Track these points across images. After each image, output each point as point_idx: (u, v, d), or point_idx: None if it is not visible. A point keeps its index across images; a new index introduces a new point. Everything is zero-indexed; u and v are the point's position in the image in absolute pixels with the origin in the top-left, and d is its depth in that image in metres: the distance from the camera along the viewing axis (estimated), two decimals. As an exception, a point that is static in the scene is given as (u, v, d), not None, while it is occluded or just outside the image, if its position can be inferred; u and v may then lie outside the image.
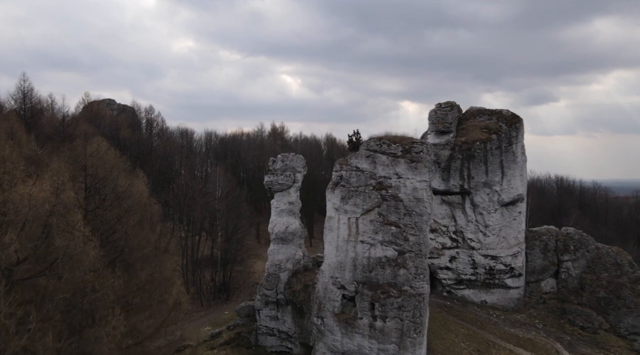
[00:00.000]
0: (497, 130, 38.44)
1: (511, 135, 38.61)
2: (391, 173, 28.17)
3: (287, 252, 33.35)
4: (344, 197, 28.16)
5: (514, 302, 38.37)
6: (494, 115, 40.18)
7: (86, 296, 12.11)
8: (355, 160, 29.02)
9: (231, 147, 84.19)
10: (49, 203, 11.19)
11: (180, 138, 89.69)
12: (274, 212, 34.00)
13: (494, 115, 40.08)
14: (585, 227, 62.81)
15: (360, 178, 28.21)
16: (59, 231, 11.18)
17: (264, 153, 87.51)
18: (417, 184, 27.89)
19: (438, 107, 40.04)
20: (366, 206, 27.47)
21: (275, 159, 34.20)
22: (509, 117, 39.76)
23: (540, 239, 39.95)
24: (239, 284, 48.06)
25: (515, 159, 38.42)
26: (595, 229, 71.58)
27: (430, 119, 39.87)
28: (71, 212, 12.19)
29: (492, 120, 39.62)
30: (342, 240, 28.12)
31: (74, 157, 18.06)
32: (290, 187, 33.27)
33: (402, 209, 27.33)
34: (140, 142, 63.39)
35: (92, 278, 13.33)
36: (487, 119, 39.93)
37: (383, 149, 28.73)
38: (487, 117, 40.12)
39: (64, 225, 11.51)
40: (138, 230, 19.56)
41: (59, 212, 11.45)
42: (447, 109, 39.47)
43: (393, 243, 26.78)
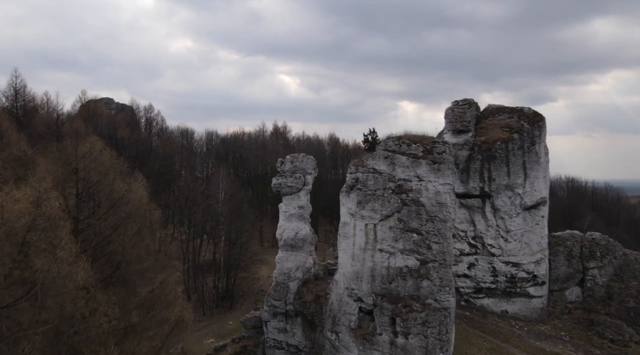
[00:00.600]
0: (519, 129, 36.39)
1: (534, 135, 36.57)
2: (411, 175, 26.14)
3: (297, 259, 31.34)
4: (360, 202, 26.13)
5: (537, 312, 36.30)
6: (515, 113, 38.12)
7: (74, 327, 10.06)
8: (372, 162, 27.00)
9: (233, 147, 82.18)
10: (28, 216, 9.21)
11: (181, 138, 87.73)
12: (282, 216, 31.99)
13: (515, 113, 38.03)
14: (600, 230, 60.63)
15: (378, 181, 26.18)
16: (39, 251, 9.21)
17: (267, 153, 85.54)
18: (440, 187, 25.88)
19: (455, 104, 37.98)
20: (385, 211, 25.44)
21: (284, 160, 32.19)
22: (530, 115, 37.72)
23: (564, 244, 37.89)
24: (243, 291, 46.05)
25: (539, 159, 36.37)
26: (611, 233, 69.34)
27: (447, 117, 37.81)
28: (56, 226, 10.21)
29: (513, 119, 37.57)
30: (358, 249, 26.09)
31: (64, 158, 15.98)
32: (300, 190, 31.27)
33: (424, 215, 25.30)
34: (139, 142, 61.40)
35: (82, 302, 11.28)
36: (507, 117, 37.87)
37: (402, 150, 26.71)
38: (508, 115, 38.06)
39: (45, 243, 9.53)
40: (137, 241, 17.47)
41: (40, 226, 9.47)
42: (465, 106, 37.42)
43: (415, 252, 24.75)
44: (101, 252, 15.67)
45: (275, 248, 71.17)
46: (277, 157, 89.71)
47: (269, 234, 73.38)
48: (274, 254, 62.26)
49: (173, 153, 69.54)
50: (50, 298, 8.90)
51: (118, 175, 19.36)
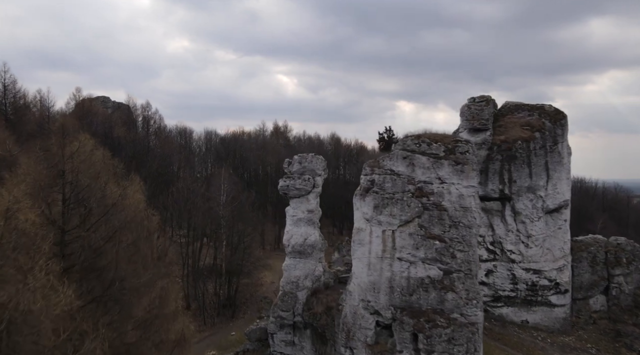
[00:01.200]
0: (540, 128, 34.46)
1: (556, 133, 34.66)
2: (433, 177, 24.20)
3: (306, 267, 29.36)
4: (377, 206, 24.16)
5: (559, 323, 34.36)
6: (535, 110, 36.20)
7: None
8: (390, 162, 25.03)
9: (233, 147, 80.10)
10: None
11: (179, 137, 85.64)
12: (289, 221, 30.01)
13: (535, 111, 36.10)
14: (613, 233, 58.54)
15: (396, 183, 24.22)
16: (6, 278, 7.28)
17: (267, 153, 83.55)
18: (464, 190, 23.95)
19: (472, 101, 36.04)
20: (404, 216, 23.48)
21: (292, 160, 30.22)
22: (552, 113, 35.79)
23: (587, 250, 35.97)
24: (246, 298, 44.07)
25: (562, 160, 34.46)
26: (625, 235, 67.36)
27: (463, 115, 35.86)
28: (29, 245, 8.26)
29: (533, 117, 35.65)
30: (375, 257, 24.12)
31: (49, 159, 13.95)
32: (309, 193, 29.30)
33: (447, 220, 23.36)
34: (136, 142, 59.30)
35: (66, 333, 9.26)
36: (527, 115, 35.95)
37: (422, 149, 24.77)
38: (528, 112, 36.13)
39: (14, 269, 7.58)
40: (133, 253, 15.39)
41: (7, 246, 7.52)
42: (483, 103, 35.49)
43: (438, 261, 22.79)
44: (91, 267, 13.64)
45: (277, 251, 69.20)
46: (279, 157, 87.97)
47: (271, 236, 71.45)
48: (276, 257, 60.33)
49: (171, 153, 67.47)
50: (21, 337, 7.02)
51: (111, 178, 17.33)
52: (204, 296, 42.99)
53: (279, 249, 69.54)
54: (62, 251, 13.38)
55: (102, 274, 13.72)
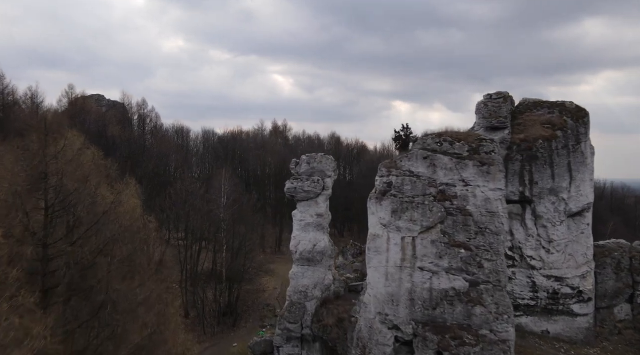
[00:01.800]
0: (562, 126, 32.60)
1: (579, 132, 32.81)
2: (456, 179, 22.34)
3: (315, 276, 27.48)
4: (395, 211, 22.27)
5: (582, 333, 32.52)
6: (556, 107, 34.34)
7: None
8: (408, 163, 23.15)
9: (232, 147, 78.11)
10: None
11: (176, 137, 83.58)
12: (297, 226, 28.12)
13: (556, 108, 34.24)
14: (624, 235, 56.59)
15: (416, 186, 22.34)
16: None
17: (267, 153, 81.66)
18: (490, 194, 22.13)
19: (488, 98, 34.15)
20: (426, 222, 21.60)
21: (299, 161, 28.32)
22: (573, 110, 33.95)
23: (611, 256, 34.15)
24: (247, 306, 42.11)
25: (585, 160, 32.61)
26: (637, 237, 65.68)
27: (479, 113, 33.97)
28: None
29: (554, 114, 33.79)
30: (393, 266, 22.23)
31: (29, 159, 11.97)
32: (319, 196, 27.42)
33: (473, 226, 21.52)
34: (132, 141, 57.24)
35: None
36: (547, 113, 34.09)
37: (444, 149, 22.92)
38: (548, 110, 34.28)
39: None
40: (127, 268, 13.37)
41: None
42: (500, 100, 33.62)
43: (463, 271, 20.94)
44: (79, 286, 11.66)
45: (278, 255, 67.25)
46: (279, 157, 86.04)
47: (271, 239, 69.58)
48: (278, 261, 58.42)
49: (168, 153, 65.40)
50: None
51: (104, 181, 15.35)
52: (204, 304, 41.03)
53: (279, 252, 67.63)
54: (44, 268, 11.39)
55: (91, 295, 11.71)
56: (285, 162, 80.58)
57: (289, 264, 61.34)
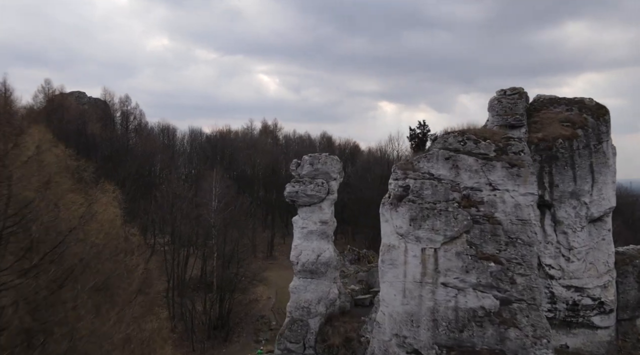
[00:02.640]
0: (583, 124, 30.46)
1: (600, 131, 30.70)
2: (482, 183, 19.97)
3: (319, 289, 24.89)
4: (414, 218, 19.78)
5: (604, 347, 30.42)
6: (574, 104, 32.21)
7: None
8: (428, 164, 20.69)
9: (221, 147, 75.04)
10: None
11: (162, 136, 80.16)
12: (298, 233, 25.49)
13: (574, 105, 32.11)
14: (628, 238, 55.12)
15: (437, 190, 19.88)
16: None
17: (257, 153, 78.80)
18: (521, 199, 19.80)
19: (502, 94, 31.85)
20: (450, 232, 19.15)
21: (301, 162, 25.70)
22: (593, 108, 31.85)
23: (632, 263, 32.12)
24: (240, 318, 39.31)
25: (607, 161, 30.52)
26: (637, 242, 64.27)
27: (492, 110, 31.65)
28: None
29: (572, 112, 31.65)
30: (412, 281, 19.74)
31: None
32: (323, 200, 24.87)
33: (502, 236, 19.15)
34: (114, 140, 53.94)
35: None
36: (565, 110, 31.92)
37: (468, 148, 20.53)
38: (566, 107, 32.12)
39: None
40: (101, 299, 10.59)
41: None
42: (515, 96, 31.34)
43: (493, 287, 18.55)
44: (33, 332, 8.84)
45: (270, 260, 64.42)
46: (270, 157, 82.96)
47: (262, 243, 66.76)
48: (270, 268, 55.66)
49: (153, 152, 62.16)
50: None
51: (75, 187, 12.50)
52: (192, 316, 38.11)
53: (271, 257, 64.85)
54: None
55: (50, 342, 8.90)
56: (276, 162, 77.85)
57: (283, 270, 58.62)
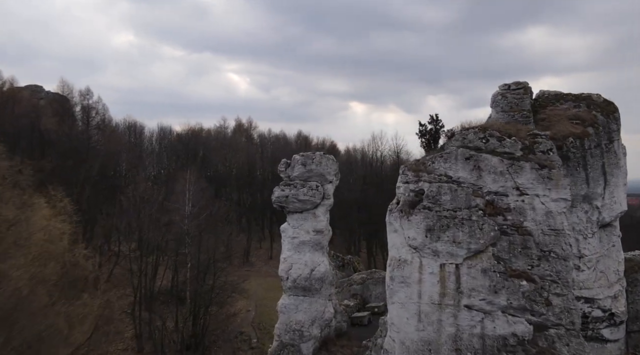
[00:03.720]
0: (593, 122, 28.45)
1: (611, 129, 28.77)
2: (508, 187, 17.38)
3: (312, 308, 21.84)
4: (431, 229, 16.98)
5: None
6: (582, 100, 30.21)
7: None
8: (445, 165, 17.95)
9: (193, 145, 70.73)
10: None
11: (128, 134, 75.07)
12: (287, 244, 22.37)
13: (582, 101, 30.11)
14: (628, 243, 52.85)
15: (457, 195, 17.15)
16: None
17: (232, 152, 75.03)
18: (552, 206, 17.35)
19: (506, 89, 29.48)
20: (475, 245, 16.45)
21: (290, 162, 22.60)
22: (602, 104, 29.95)
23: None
24: (217, 335, 35.72)
25: (618, 161, 28.62)
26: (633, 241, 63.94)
27: (496, 105, 29.30)
28: None
29: (580, 108, 29.62)
30: (429, 303, 16.93)
31: None
32: (318, 206, 21.87)
33: (534, 249, 16.61)
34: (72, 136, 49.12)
35: None
36: (573, 106, 29.88)
37: (492, 146, 17.95)
38: (573, 103, 30.07)
39: None
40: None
41: None
42: (521, 91, 29.04)
43: (527, 310, 15.94)
44: None
45: (247, 266, 60.74)
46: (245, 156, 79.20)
47: (239, 248, 63.08)
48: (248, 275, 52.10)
49: (119, 151, 57.46)
50: None
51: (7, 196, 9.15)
52: (162, 334, 34.29)
53: (248, 263, 61.31)
54: None
55: None
56: (252, 162, 74.28)
57: (261, 277, 55.09)
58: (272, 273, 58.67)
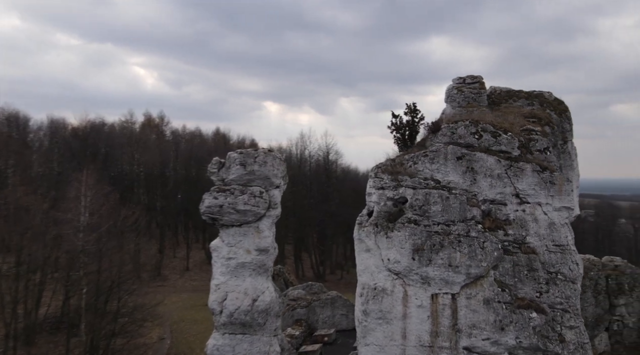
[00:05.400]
0: (548, 121, 26.85)
1: (564, 129, 27.29)
2: (507, 194, 14.37)
3: (254, 350, 17.31)
4: (419, 249, 13.31)
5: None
6: (534, 98, 28.49)
7: None
8: (431, 167, 14.45)
9: (93, 142, 61.34)
10: None
11: (7, 126, 63.40)
12: (222, 268, 17.64)
13: (535, 99, 28.40)
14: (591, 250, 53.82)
15: (450, 205, 13.69)
16: None
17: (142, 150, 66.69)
18: (555, 216, 14.68)
19: (460, 82, 26.95)
20: (475, 269, 13.07)
21: (225, 161, 17.82)
22: (554, 103, 28.57)
23: (588, 276, 29.71)
24: (122, 373, 29.22)
25: (572, 163, 27.22)
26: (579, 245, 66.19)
27: (452, 100, 26.58)
28: None
29: (534, 106, 28.07)
30: (417, 346, 13.25)
31: None
32: (262, 218, 17.36)
33: (541, 271, 13.64)
34: None
35: None
36: (527, 104, 28.27)
37: (486, 143, 14.89)
38: (526, 100, 28.42)
39: None
40: None
41: None
42: (477, 86, 26.77)
43: (539, 350, 12.86)
44: None
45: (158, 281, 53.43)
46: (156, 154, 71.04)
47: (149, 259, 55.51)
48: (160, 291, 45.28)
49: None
50: None
51: None
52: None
53: (160, 277, 54.13)
54: None
55: None
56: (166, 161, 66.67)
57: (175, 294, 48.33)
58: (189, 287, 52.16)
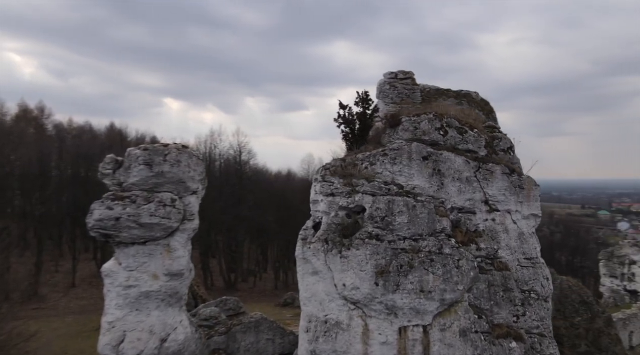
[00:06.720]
0: (481, 121, 26.33)
1: (492, 130, 27.08)
2: (476, 200, 12.49)
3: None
4: (383, 271, 10.83)
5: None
6: (462, 97, 27.73)
7: None
8: (392, 168, 12.06)
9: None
10: None
11: None
12: (117, 298, 13.59)
13: (463, 98, 27.64)
14: None
15: (417, 214, 11.41)
16: None
17: (16, 145, 56.93)
18: (524, 225, 13.13)
19: (393, 78, 25.28)
20: (450, 293, 10.90)
21: (124, 159, 13.70)
22: (481, 103, 28.06)
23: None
24: None
25: (500, 165, 27.03)
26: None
27: (385, 96, 24.79)
28: None
29: (463, 105, 27.35)
30: (381, 394, 10.56)
31: None
32: (174, 233, 13.62)
33: (515, 291, 11.81)
34: None
35: None
36: (455, 103, 27.43)
37: (452, 141, 13.08)
38: (455, 99, 27.60)
39: None
40: None
41: None
42: (409, 81, 25.26)
43: (521, 386, 10.85)
44: None
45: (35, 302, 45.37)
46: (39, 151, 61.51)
47: (23, 275, 46.91)
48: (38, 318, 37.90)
49: None
50: None
51: None
52: None
53: (36, 297, 45.94)
54: None
55: None
56: (47, 159, 57.55)
57: (57, 319, 40.88)
58: (74, 308, 44.74)
